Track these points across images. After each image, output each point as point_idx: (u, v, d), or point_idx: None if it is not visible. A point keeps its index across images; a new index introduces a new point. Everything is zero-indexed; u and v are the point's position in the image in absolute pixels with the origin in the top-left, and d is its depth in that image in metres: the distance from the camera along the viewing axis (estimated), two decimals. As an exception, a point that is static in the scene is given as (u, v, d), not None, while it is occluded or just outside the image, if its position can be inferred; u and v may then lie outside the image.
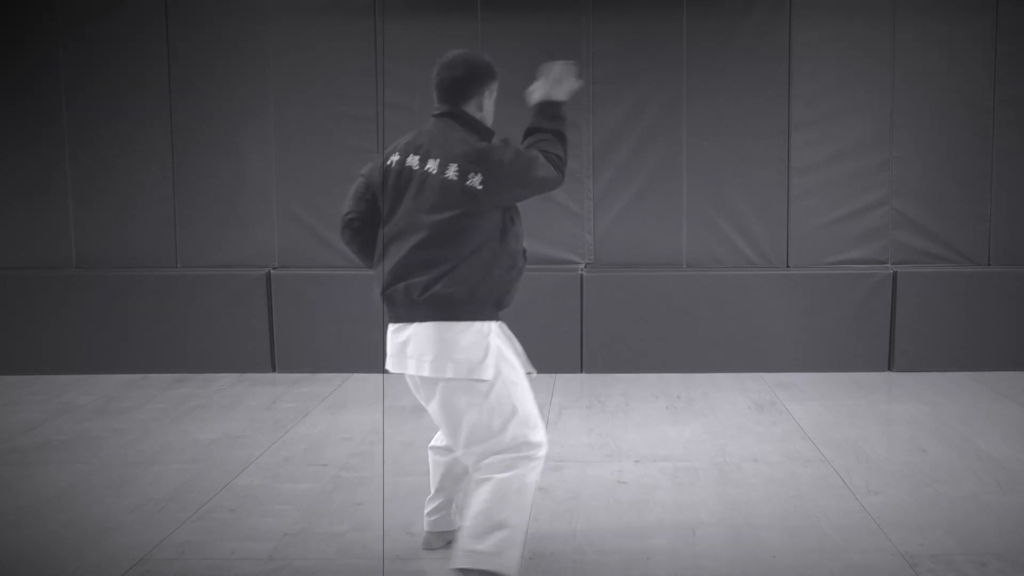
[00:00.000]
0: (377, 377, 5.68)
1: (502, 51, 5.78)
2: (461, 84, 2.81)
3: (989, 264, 5.86)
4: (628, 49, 5.81)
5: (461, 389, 2.68)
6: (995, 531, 3.22)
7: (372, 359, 5.79)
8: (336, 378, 5.68)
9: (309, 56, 5.85)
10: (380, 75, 5.84)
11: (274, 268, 5.92)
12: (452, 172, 2.68)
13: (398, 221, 2.73)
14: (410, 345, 2.69)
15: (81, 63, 5.87)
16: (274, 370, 5.86)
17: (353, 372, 5.80)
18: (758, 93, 5.80)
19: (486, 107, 2.86)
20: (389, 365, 2.78)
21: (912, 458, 4.04)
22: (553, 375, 5.70)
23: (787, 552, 3.07)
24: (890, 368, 5.77)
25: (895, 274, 5.74)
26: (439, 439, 3.07)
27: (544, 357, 5.71)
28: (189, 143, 5.91)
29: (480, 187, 2.66)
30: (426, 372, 2.67)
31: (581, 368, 5.79)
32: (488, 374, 2.66)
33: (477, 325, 2.69)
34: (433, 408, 2.75)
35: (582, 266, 5.90)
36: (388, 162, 2.81)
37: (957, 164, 5.82)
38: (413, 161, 2.75)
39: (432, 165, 2.71)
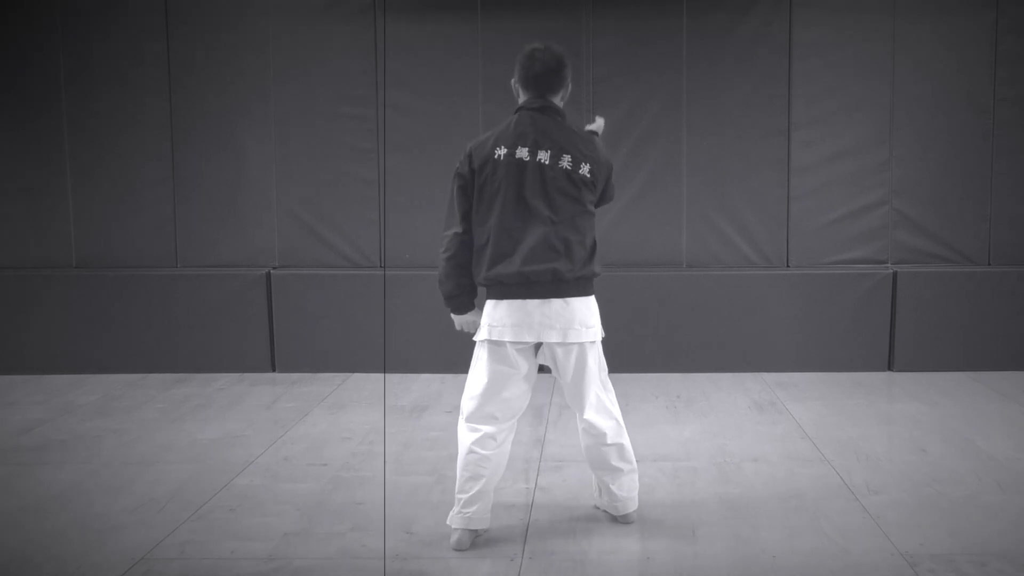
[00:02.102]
0: (378, 377, 5.68)
1: (502, 51, 5.79)
2: (553, 78, 3.10)
3: (989, 264, 5.86)
4: (628, 48, 5.81)
5: (592, 351, 3.16)
6: (995, 531, 3.22)
7: (372, 359, 5.80)
8: (336, 378, 5.68)
9: (309, 56, 5.85)
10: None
11: (274, 268, 5.92)
12: (566, 162, 3.03)
13: (518, 209, 3.01)
14: (554, 317, 3.05)
15: (81, 62, 5.87)
16: (274, 370, 5.86)
17: (353, 372, 5.80)
18: (758, 92, 5.80)
19: (565, 97, 3.19)
20: (517, 335, 3.05)
21: (912, 458, 4.04)
22: (553, 375, 5.69)
23: (787, 552, 3.07)
24: (890, 368, 5.77)
25: (895, 274, 5.74)
26: (481, 438, 3.08)
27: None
28: (189, 143, 5.91)
29: (589, 176, 3.06)
30: (577, 339, 3.09)
31: (581, 368, 5.79)
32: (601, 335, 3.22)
33: (593, 296, 3.19)
34: (567, 370, 3.14)
35: (582, 266, 5.89)
36: (496, 155, 3.03)
37: (957, 164, 5.82)
38: (523, 152, 3.03)
39: (543, 156, 3.03)
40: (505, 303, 3.05)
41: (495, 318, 3.07)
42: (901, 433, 4.45)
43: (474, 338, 3.15)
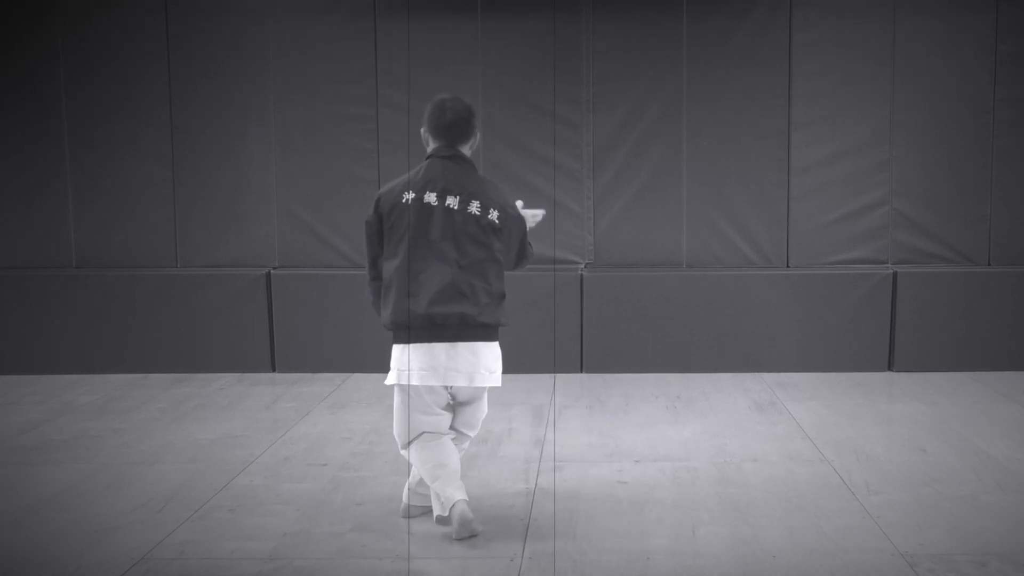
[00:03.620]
0: (378, 377, 5.67)
1: (502, 51, 5.80)
2: (463, 127, 3.19)
3: (989, 264, 5.86)
4: (628, 49, 5.81)
5: (488, 393, 3.31)
6: (995, 531, 3.22)
7: (372, 359, 5.79)
8: (336, 378, 5.68)
9: (309, 56, 5.85)
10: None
11: (274, 268, 5.92)
12: (475, 208, 3.10)
13: (424, 253, 3.07)
14: (460, 361, 3.09)
15: (81, 62, 5.87)
16: (274, 370, 5.86)
17: (353, 372, 5.80)
18: (758, 93, 5.79)
19: (474, 147, 3.28)
20: (424, 379, 3.09)
21: (912, 458, 4.04)
22: (553, 375, 5.70)
23: (787, 552, 3.07)
24: (890, 368, 5.77)
25: (895, 274, 5.74)
26: (425, 437, 3.20)
27: (544, 357, 5.74)
28: (189, 143, 5.91)
29: (498, 222, 3.13)
30: (482, 383, 3.14)
31: (581, 368, 5.80)
32: None
33: (498, 343, 3.22)
34: (464, 403, 3.26)
35: (582, 266, 5.90)
36: (403, 199, 3.11)
37: (957, 164, 5.82)
38: (431, 198, 3.09)
39: (452, 201, 3.08)
40: (413, 347, 3.09)
41: (402, 362, 3.11)
42: (901, 433, 4.45)
43: (385, 382, 3.23)
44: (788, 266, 5.88)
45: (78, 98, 5.89)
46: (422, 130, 3.25)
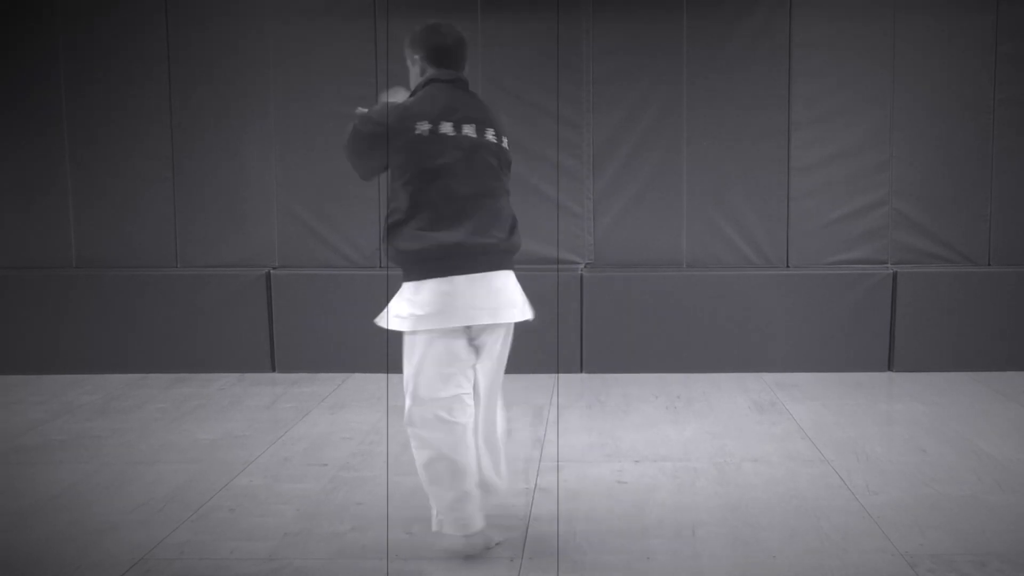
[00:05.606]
0: (378, 377, 5.67)
1: (502, 51, 5.80)
2: (463, 50, 3.10)
3: (989, 264, 5.86)
4: (628, 49, 5.81)
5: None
6: (995, 531, 3.23)
7: (372, 359, 5.79)
8: (336, 378, 5.68)
9: (309, 56, 5.85)
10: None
11: (274, 268, 5.92)
12: (490, 136, 2.99)
13: (446, 184, 2.87)
14: (503, 294, 2.94)
15: (81, 63, 5.87)
16: (274, 370, 5.86)
17: (353, 372, 5.80)
18: (758, 93, 5.80)
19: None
20: (478, 319, 2.90)
21: (912, 458, 4.04)
22: (556, 375, 5.70)
23: (787, 552, 3.07)
24: (890, 368, 5.77)
25: (895, 274, 5.75)
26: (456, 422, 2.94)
27: (544, 357, 5.74)
28: (189, 143, 5.91)
29: (507, 148, 3.09)
30: (526, 316, 3.01)
31: (581, 368, 5.80)
32: None
33: None
34: (497, 352, 3.00)
35: (582, 266, 5.90)
36: (417, 131, 2.87)
37: (957, 164, 5.82)
38: (447, 128, 2.90)
39: (469, 130, 2.94)
40: (462, 278, 2.91)
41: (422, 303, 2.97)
42: (901, 433, 4.45)
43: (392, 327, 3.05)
44: (788, 266, 5.88)
45: (78, 98, 5.89)
46: (417, 57, 3.08)
